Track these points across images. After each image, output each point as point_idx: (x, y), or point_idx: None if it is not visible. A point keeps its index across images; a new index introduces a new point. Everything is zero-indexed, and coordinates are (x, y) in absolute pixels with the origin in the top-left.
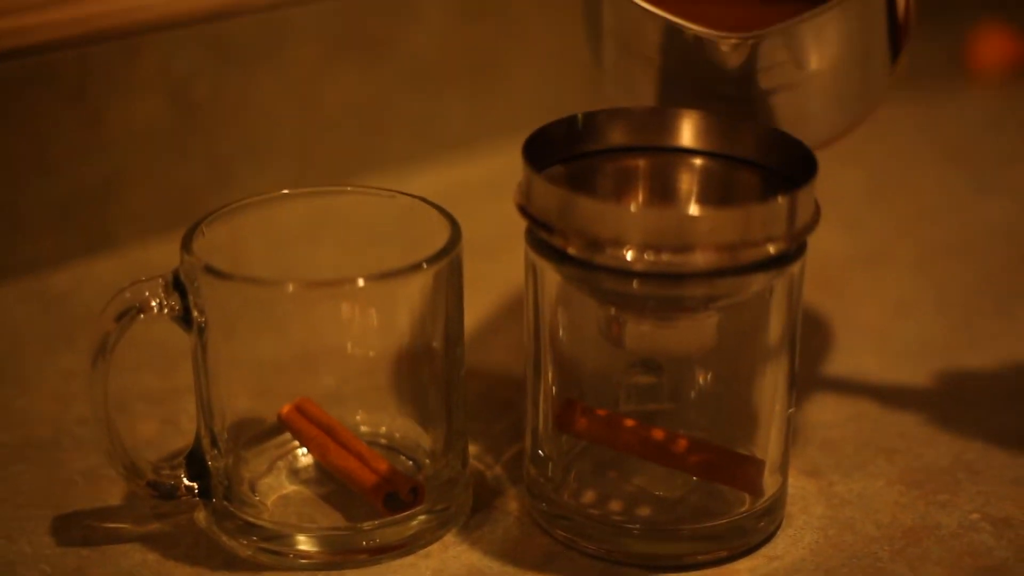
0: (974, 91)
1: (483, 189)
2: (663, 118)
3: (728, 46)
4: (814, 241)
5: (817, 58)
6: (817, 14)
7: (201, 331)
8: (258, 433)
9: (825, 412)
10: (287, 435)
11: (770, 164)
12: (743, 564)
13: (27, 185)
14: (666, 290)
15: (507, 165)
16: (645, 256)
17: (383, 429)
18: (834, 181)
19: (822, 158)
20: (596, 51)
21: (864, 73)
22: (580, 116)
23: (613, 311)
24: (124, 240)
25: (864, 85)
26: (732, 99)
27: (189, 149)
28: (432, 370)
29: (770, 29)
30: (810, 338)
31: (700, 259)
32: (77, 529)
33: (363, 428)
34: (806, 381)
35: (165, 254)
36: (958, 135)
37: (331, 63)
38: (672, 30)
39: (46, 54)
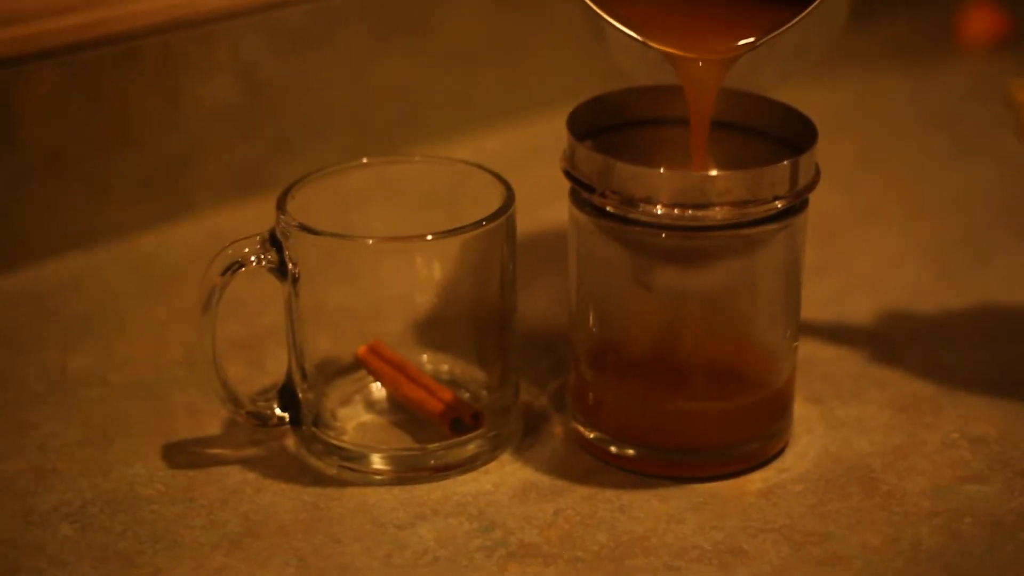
0: (961, 62)
1: (516, 155)
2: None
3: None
4: (816, 201)
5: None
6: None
7: (295, 281)
8: (339, 369)
9: (826, 349)
10: (363, 371)
11: (779, 134)
12: (757, 475)
13: (115, 157)
14: (689, 241)
15: (536, 134)
16: (672, 212)
17: (445, 367)
18: (832, 148)
19: (822, 130)
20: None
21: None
22: (612, 94)
23: (644, 259)
24: (201, 205)
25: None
26: None
27: (256, 124)
28: (489, 315)
29: (737, 51)
30: (812, 285)
31: (718, 214)
32: (184, 454)
33: (428, 365)
34: (809, 322)
35: (237, 217)
36: (944, 103)
37: (377, 45)
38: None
39: (131, 41)
